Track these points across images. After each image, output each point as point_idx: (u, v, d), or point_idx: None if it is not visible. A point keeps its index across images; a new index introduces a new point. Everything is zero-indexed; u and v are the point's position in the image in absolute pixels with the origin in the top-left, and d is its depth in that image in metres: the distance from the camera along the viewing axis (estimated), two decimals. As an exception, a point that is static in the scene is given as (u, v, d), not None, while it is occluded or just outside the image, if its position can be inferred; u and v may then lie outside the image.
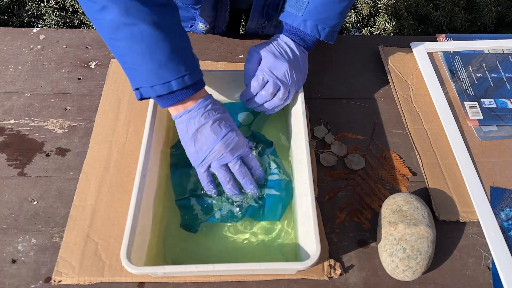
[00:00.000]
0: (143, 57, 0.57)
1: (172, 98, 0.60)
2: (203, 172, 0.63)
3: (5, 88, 0.81)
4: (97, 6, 0.56)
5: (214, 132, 0.61)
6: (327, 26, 0.70)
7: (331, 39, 0.72)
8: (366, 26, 1.83)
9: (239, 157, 0.63)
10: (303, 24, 0.70)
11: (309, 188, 0.59)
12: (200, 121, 0.61)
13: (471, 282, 0.60)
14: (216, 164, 0.62)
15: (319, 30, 0.70)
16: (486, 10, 1.62)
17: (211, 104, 0.62)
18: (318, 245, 0.54)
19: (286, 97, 0.69)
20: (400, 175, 0.71)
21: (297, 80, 0.69)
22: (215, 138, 0.61)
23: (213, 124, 0.61)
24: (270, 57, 0.67)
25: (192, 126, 0.61)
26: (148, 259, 0.58)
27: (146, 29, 0.56)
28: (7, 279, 0.59)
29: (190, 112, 0.61)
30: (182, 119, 0.62)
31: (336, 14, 0.70)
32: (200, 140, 0.61)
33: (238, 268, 0.56)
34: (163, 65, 0.57)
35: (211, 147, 0.61)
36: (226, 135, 0.61)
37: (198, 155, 0.62)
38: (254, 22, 0.88)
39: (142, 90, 0.60)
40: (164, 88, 0.58)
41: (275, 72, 0.67)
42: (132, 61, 0.58)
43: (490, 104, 0.80)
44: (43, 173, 0.69)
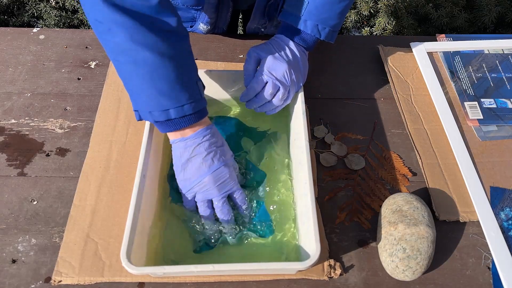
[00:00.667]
0: (143, 84, 0.57)
1: (170, 126, 0.59)
2: (189, 199, 0.63)
3: (5, 88, 0.81)
4: (104, 27, 0.55)
5: (205, 164, 0.60)
6: (328, 26, 0.70)
7: (332, 38, 0.72)
8: (366, 26, 1.83)
9: (225, 194, 0.62)
10: (303, 24, 0.70)
11: (309, 188, 0.59)
12: (195, 151, 0.60)
13: (471, 282, 0.60)
14: (200, 197, 0.62)
15: (320, 30, 0.70)
16: (486, 10, 1.62)
17: (209, 135, 0.61)
18: (318, 245, 0.54)
19: (285, 98, 0.69)
20: (400, 175, 0.71)
21: (296, 80, 0.68)
22: (205, 171, 0.60)
23: (206, 157, 0.60)
24: (269, 58, 0.67)
25: (185, 154, 0.61)
26: (148, 259, 0.58)
27: (150, 57, 0.55)
28: (7, 279, 0.59)
29: (186, 140, 0.60)
30: (178, 145, 0.61)
31: (336, 14, 0.70)
32: (190, 170, 0.61)
33: (238, 268, 0.56)
34: (163, 94, 0.57)
35: (199, 179, 0.60)
36: (217, 170, 0.61)
37: (186, 184, 0.62)
38: (255, 22, 0.88)
39: (141, 113, 0.59)
40: (162, 115, 0.58)
41: (274, 73, 0.67)
42: (134, 85, 0.58)
43: (490, 104, 0.80)
44: (43, 173, 0.69)
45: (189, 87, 0.58)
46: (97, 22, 0.56)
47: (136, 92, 0.58)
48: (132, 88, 0.59)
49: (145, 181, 0.60)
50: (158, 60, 0.55)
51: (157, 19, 0.56)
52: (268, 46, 0.69)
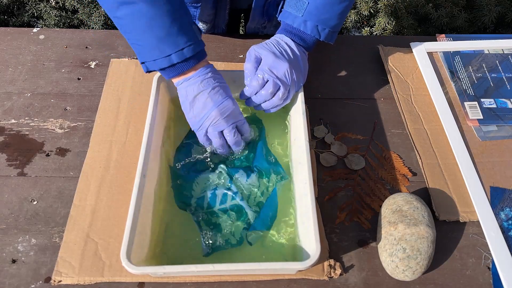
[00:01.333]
0: (144, 34, 0.61)
1: (174, 70, 0.64)
2: (203, 136, 0.66)
3: (5, 88, 0.81)
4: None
5: (211, 99, 0.64)
6: (327, 26, 0.70)
7: (331, 39, 0.73)
8: (366, 26, 1.83)
9: (234, 125, 0.66)
10: (303, 24, 0.70)
11: (309, 188, 0.59)
12: (199, 88, 0.64)
13: (471, 282, 0.60)
14: (212, 130, 0.65)
15: (319, 31, 0.70)
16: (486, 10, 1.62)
17: (210, 72, 0.65)
18: (318, 245, 0.54)
19: (285, 97, 0.69)
20: (400, 175, 0.71)
21: (297, 80, 0.69)
22: (211, 104, 0.64)
23: (210, 92, 0.64)
24: (270, 57, 0.67)
25: (191, 92, 0.64)
26: (148, 259, 0.58)
27: (144, 7, 0.59)
28: (7, 279, 0.59)
29: (190, 80, 0.64)
30: (182, 86, 0.65)
31: (336, 14, 0.70)
32: (197, 106, 0.64)
33: (238, 268, 0.56)
34: (162, 40, 0.61)
35: (208, 113, 0.64)
36: (222, 103, 0.64)
37: (196, 120, 0.65)
38: (255, 22, 0.88)
39: (147, 64, 0.64)
40: (165, 62, 0.62)
41: (275, 72, 0.67)
42: (135, 38, 0.63)
43: (490, 104, 0.80)
44: (43, 173, 0.69)
45: (185, 31, 0.62)
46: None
47: (138, 44, 0.63)
48: (134, 41, 0.63)
49: (145, 181, 0.60)
50: (152, 9, 0.60)
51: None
52: (269, 45, 0.69)
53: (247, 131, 0.69)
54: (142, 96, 0.79)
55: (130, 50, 0.87)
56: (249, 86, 0.69)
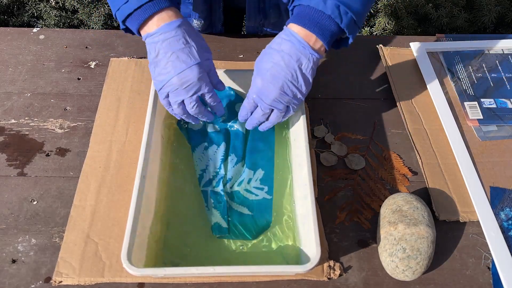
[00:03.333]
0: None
1: (134, 20, 0.58)
2: (163, 99, 0.62)
3: (5, 88, 0.81)
4: None
5: (171, 65, 0.58)
6: (350, 10, 0.58)
7: (353, 32, 0.60)
8: (366, 26, 1.83)
9: (195, 95, 0.60)
10: (322, 3, 0.57)
11: (309, 190, 0.59)
12: (159, 49, 0.58)
13: (471, 282, 0.60)
14: (172, 97, 0.61)
15: (341, 13, 0.58)
16: (486, 10, 1.62)
17: (174, 31, 0.58)
18: (318, 248, 0.54)
19: (284, 114, 0.63)
20: (400, 175, 0.71)
21: (294, 98, 0.61)
22: (171, 72, 0.58)
23: (171, 57, 0.58)
24: (258, 81, 0.61)
25: (152, 52, 0.59)
26: (149, 260, 0.58)
27: None
28: (7, 279, 0.59)
29: (152, 36, 0.59)
30: (146, 42, 0.60)
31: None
32: (157, 68, 0.59)
33: (238, 271, 0.56)
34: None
35: (166, 79, 0.59)
36: (183, 71, 0.58)
37: (156, 82, 0.60)
38: (252, 21, 0.87)
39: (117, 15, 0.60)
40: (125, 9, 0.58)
41: (264, 99, 0.61)
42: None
43: (490, 104, 0.80)
44: (43, 173, 0.69)
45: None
46: None
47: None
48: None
49: (145, 181, 0.60)
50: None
51: None
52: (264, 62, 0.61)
53: (216, 104, 0.63)
54: (142, 96, 0.79)
55: (130, 50, 0.87)
56: (241, 108, 0.66)
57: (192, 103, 0.60)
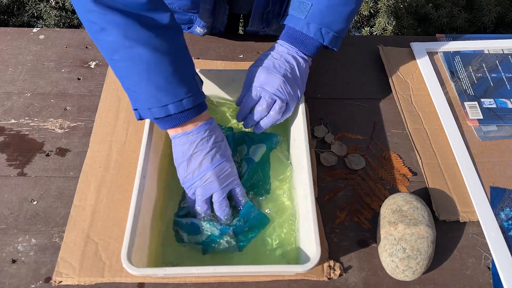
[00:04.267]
0: (140, 80, 0.57)
1: (170, 121, 0.59)
2: (192, 194, 0.62)
3: (5, 88, 0.81)
4: (97, 27, 0.56)
5: (208, 160, 0.60)
6: (332, 30, 0.67)
7: (336, 44, 0.69)
8: (366, 26, 1.83)
9: (227, 188, 0.62)
10: (306, 27, 0.66)
11: (309, 190, 0.59)
12: (198, 147, 0.60)
13: (471, 282, 0.60)
14: (200, 191, 0.61)
15: (323, 34, 0.67)
16: (486, 10, 1.62)
17: (210, 130, 0.61)
18: (319, 248, 0.54)
19: (284, 110, 0.66)
20: (400, 175, 0.71)
21: (293, 92, 0.66)
22: (208, 166, 0.60)
23: (209, 152, 0.60)
24: (262, 73, 0.65)
25: (188, 150, 0.60)
26: (149, 260, 0.58)
27: (145, 53, 0.55)
28: (7, 279, 0.59)
29: (189, 135, 0.60)
30: (180, 141, 0.61)
31: (341, 18, 0.67)
32: (193, 165, 0.60)
33: (238, 271, 0.56)
34: (161, 89, 0.57)
35: (202, 174, 0.60)
36: (220, 164, 0.61)
37: (188, 179, 0.61)
38: (254, 27, 0.88)
39: (140, 111, 0.60)
40: (161, 111, 0.58)
41: (268, 88, 0.64)
42: (131, 83, 0.58)
43: (490, 104, 0.80)
44: (43, 173, 0.69)
45: (186, 81, 0.58)
46: (90, 22, 0.56)
47: (134, 90, 0.59)
48: (129, 87, 0.59)
49: (145, 181, 0.60)
50: (153, 56, 0.56)
51: (150, 16, 0.57)
52: (264, 59, 0.67)
53: (240, 195, 0.63)
54: (142, 96, 0.79)
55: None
56: (243, 104, 0.66)
57: (222, 196, 0.61)
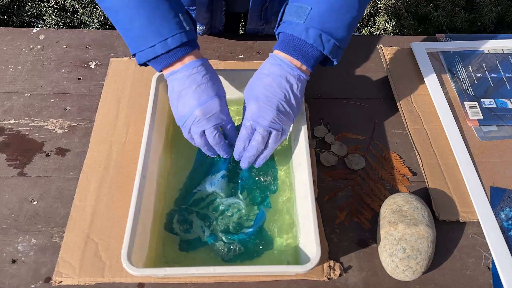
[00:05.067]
0: (128, 24, 0.60)
1: (160, 62, 0.61)
2: (187, 134, 0.64)
3: (5, 88, 0.81)
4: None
5: (195, 97, 0.61)
6: (333, 37, 0.60)
7: (337, 56, 0.62)
8: (366, 26, 1.83)
9: (216, 126, 0.62)
10: (304, 32, 0.60)
11: (309, 190, 0.59)
12: (184, 84, 0.61)
13: (471, 282, 0.60)
14: (194, 129, 0.62)
15: (323, 42, 0.60)
16: (486, 10, 1.62)
17: (199, 67, 0.61)
18: (319, 248, 0.54)
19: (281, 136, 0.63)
20: (400, 175, 0.71)
21: (288, 119, 0.62)
22: (194, 103, 0.61)
23: (196, 89, 0.61)
24: (252, 106, 0.61)
25: (176, 87, 0.62)
26: (149, 260, 0.58)
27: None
28: (7, 279, 0.59)
29: (176, 73, 0.61)
30: (170, 79, 0.63)
31: (343, 25, 0.61)
32: (181, 103, 0.62)
33: (238, 271, 0.56)
34: (146, 29, 0.59)
35: (190, 112, 0.61)
36: (207, 103, 0.61)
37: (180, 116, 0.63)
38: (253, 24, 0.88)
39: (137, 55, 0.62)
40: (150, 53, 0.60)
41: (261, 121, 0.61)
42: (123, 28, 0.62)
43: (490, 104, 0.80)
44: (43, 173, 0.69)
45: (170, 20, 0.59)
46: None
47: (126, 34, 0.62)
48: (122, 32, 0.62)
49: (145, 181, 0.60)
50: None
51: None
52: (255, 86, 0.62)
53: (233, 135, 0.65)
54: (142, 96, 0.79)
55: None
56: (238, 141, 0.63)
57: (213, 133, 0.62)
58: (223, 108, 0.62)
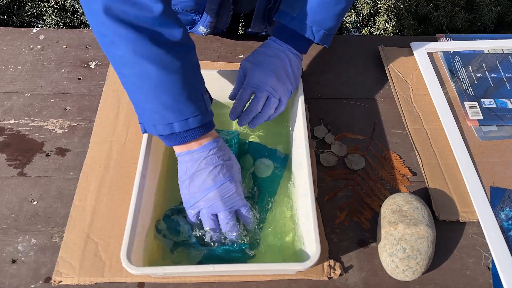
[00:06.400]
0: (147, 97, 0.56)
1: (175, 139, 0.58)
2: (193, 216, 0.60)
3: (5, 88, 0.81)
4: (107, 40, 0.55)
5: (211, 179, 0.58)
6: (323, 28, 0.69)
7: (326, 42, 0.71)
8: (366, 26, 1.83)
9: (232, 209, 0.59)
10: (298, 25, 0.68)
11: (309, 189, 0.59)
12: (201, 165, 0.58)
13: (471, 282, 0.60)
14: (205, 212, 0.59)
15: (314, 32, 0.69)
16: (486, 10, 1.62)
17: (215, 149, 0.59)
18: (318, 246, 0.54)
19: (277, 105, 0.67)
20: (400, 175, 0.71)
21: (286, 89, 0.67)
22: (211, 185, 0.58)
23: (212, 171, 0.58)
24: (255, 70, 0.66)
25: (191, 168, 0.59)
26: (148, 259, 0.58)
27: (153, 70, 0.54)
28: (7, 279, 0.59)
29: (193, 153, 0.59)
30: (184, 159, 0.59)
31: (332, 16, 0.69)
32: (195, 184, 0.59)
33: (238, 269, 0.56)
34: (167, 107, 0.55)
35: (204, 194, 0.58)
36: (223, 184, 0.58)
37: (190, 198, 0.60)
38: (256, 27, 0.88)
39: (146, 126, 0.58)
40: (166, 129, 0.56)
41: (261, 85, 0.65)
42: (138, 98, 0.57)
43: (490, 104, 0.80)
44: (43, 173, 0.69)
45: (194, 100, 0.57)
46: (101, 34, 0.55)
47: (140, 105, 0.57)
48: (136, 101, 0.58)
49: (145, 181, 0.60)
50: (162, 74, 0.54)
51: (161, 32, 0.55)
52: (257, 56, 0.68)
53: (248, 221, 0.62)
54: (142, 96, 0.79)
55: (130, 50, 0.87)
56: (236, 101, 0.66)
57: (228, 216, 0.59)
58: (238, 191, 0.60)
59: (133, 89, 0.57)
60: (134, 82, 0.56)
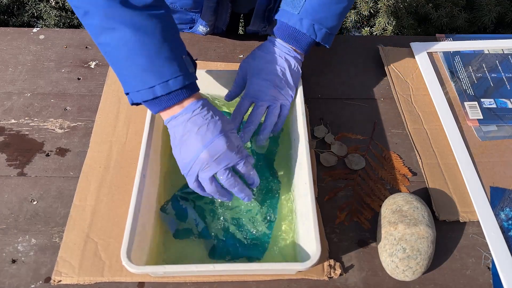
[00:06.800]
0: (126, 62, 0.55)
1: (159, 104, 0.56)
2: (193, 182, 0.58)
3: (5, 88, 0.81)
4: (81, 11, 0.55)
5: (199, 139, 0.55)
6: (324, 26, 0.68)
7: (328, 41, 0.70)
8: (366, 26, 1.83)
9: (227, 166, 0.56)
10: (299, 23, 0.67)
11: (309, 189, 0.59)
12: (186, 128, 0.56)
13: (471, 282, 0.60)
14: (203, 175, 0.57)
15: (316, 30, 0.68)
16: (486, 10, 1.62)
17: (199, 108, 0.57)
18: (319, 246, 0.54)
19: (280, 112, 0.67)
20: (400, 175, 0.71)
21: (286, 95, 0.68)
22: (199, 146, 0.55)
23: (198, 131, 0.56)
24: (254, 80, 0.66)
25: (178, 133, 0.57)
26: (148, 258, 0.58)
27: (127, 33, 0.54)
28: (7, 279, 0.59)
29: (177, 118, 0.57)
30: (170, 125, 0.58)
31: (334, 15, 0.68)
32: (185, 148, 0.57)
33: (238, 268, 0.56)
34: (146, 70, 0.55)
35: (195, 156, 0.56)
36: (213, 142, 0.55)
37: (184, 163, 0.57)
38: (255, 26, 0.88)
39: (131, 94, 0.57)
40: (149, 93, 0.55)
41: (261, 95, 0.66)
42: (118, 66, 0.57)
43: (490, 104, 0.80)
44: (43, 173, 0.69)
45: (173, 62, 0.56)
46: (75, 7, 0.56)
47: (122, 72, 0.57)
48: (118, 70, 0.57)
49: (145, 181, 0.60)
50: (136, 36, 0.54)
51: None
52: (256, 62, 0.68)
53: (248, 174, 0.59)
54: (142, 96, 0.79)
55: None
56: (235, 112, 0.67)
57: (225, 174, 0.57)
58: (231, 146, 0.57)
59: (112, 57, 0.57)
60: (112, 49, 0.56)
